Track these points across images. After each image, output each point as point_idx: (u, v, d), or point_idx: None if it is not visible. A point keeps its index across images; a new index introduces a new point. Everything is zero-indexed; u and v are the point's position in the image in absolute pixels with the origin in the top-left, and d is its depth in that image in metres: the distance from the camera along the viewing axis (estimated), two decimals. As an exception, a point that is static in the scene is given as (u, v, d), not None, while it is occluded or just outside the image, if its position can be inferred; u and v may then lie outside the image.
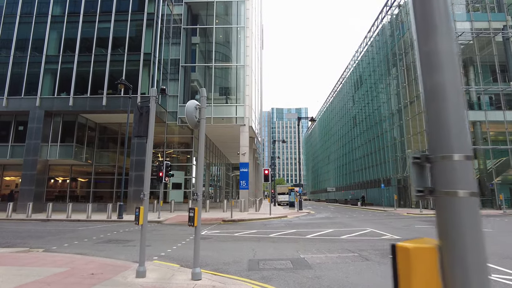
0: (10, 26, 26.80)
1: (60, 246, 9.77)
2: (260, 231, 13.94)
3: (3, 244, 10.12)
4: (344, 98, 65.03)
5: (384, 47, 42.65)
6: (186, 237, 12.13)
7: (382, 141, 43.34)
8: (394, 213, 26.37)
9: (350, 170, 60.43)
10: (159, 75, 26.82)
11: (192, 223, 5.63)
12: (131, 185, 23.21)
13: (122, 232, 13.54)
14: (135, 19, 26.17)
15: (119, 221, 18.52)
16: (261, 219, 20.78)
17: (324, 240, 11.29)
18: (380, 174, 44.00)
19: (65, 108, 24.94)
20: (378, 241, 10.82)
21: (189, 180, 29.36)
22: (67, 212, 19.61)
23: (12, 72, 25.85)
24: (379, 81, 44.33)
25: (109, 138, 30.19)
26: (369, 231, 13.71)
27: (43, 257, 7.50)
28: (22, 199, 23.32)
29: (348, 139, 61.00)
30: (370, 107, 48.34)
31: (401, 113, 37.47)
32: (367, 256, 8.27)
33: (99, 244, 10.33)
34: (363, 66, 52.17)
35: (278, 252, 8.94)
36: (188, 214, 5.71)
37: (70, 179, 28.28)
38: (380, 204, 42.51)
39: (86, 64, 25.57)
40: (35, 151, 24.23)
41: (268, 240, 11.29)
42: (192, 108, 6.07)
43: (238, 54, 29.00)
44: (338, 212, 30.29)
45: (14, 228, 14.67)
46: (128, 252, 8.92)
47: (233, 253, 8.85)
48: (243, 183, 26.17)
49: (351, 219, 20.85)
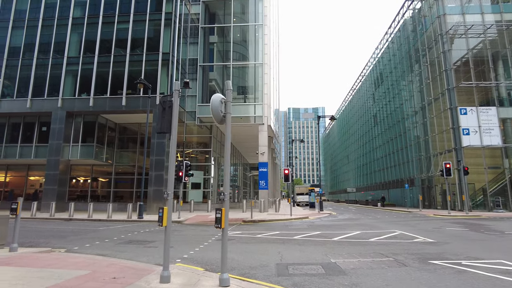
0: (33, 30, 27.36)
1: (82, 247, 9.60)
2: (283, 233, 13.47)
3: (27, 244, 10.05)
4: (363, 96, 63.62)
5: (405, 43, 41.27)
6: (208, 238, 11.78)
7: (405, 140, 41.97)
8: (419, 215, 25.31)
9: (370, 170, 59.03)
10: (178, 74, 26.75)
11: (219, 224, 5.23)
12: (150, 185, 23.18)
13: (142, 232, 13.35)
14: (153, 19, 26.21)
15: (139, 221, 18.44)
16: (282, 220, 20.29)
17: (352, 243, 10.70)
18: (403, 174, 42.63)
19: (85, 109, 25.21)
20: (411, 245, 10.14)
21: (208, 180, 29.17)
22: (88, 212, 19.72)
23: (35, 74, 26.39)
24: (400, 78, 42.96)
25: (129, 138, 30.40)
26: (399, 234, 13.00)
27: (65, 258, 7.28)
28: (46, 199, 23.72)
29: (368, 138, 59.58)
30: (392, 105, 46.95)
31: (424, 110, 36.12)
32: (404, 261, 7.66)
33: (120, 245, 10.11)
34: (384, 63, 50.78)
35: (306, 256, 8.45)
36: (215, 215, 5.31)
37: (91, 179, 28.61)
38: (403, 205, 41.21)
39: (105, 65, 25.78)
40: (58, 151, 24.60)
41: (293, 242, 10.80)
42: (218, 102, 5.68)
43: (256, 52, 28.60)
44: (360, 213, 29.41)
45: (37, 227, 14.76)
46: (150, 254, 8.63)
47: (258, 256, 8.41)
48: (262, 183, 25.72)
49: (376, 221, 20.07)
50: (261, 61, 27.95)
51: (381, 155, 52.71)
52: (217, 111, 5.66)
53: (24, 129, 26.75)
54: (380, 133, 52.77)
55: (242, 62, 29.17)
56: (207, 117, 27.60)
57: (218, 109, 5.66)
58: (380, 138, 53.12)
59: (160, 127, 5.76)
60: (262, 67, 27.87)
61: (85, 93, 25.68)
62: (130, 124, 29.47)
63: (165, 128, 5.74)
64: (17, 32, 27.67)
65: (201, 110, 27.60)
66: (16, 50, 27.35)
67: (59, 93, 25.57)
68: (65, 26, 26.95)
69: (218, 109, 5.65)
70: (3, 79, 26.73)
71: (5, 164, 28.48)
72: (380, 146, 53.10)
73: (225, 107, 5.72)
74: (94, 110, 25.24)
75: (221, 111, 5.68)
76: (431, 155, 34.18)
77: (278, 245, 10.21)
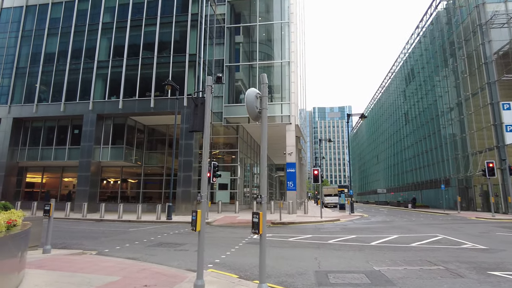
0: (66, 37, 28.29)
1: (112, 249, 9.49)
2: (316, 236, 12.86)
3: (59, 245, 10.09)
4: (393, 93, 61.37)
5: (439, 36, 39.22)
6: (238, 241, 11.40)
7: (439, 139, 39.89)
8: (459, 217, 23.78)
9: (401, 171, 56.80)
10: (204, 76, 26.70)
11: (256, 230, 4.78)
12: (179, 186, 23.21)
13: (172, 234, 13.19)
14: (179, 21, 26.33)
15: (168, 222, 18.42)
16: (312, 222, 19.62)
17: (393, 248, 9.95)
18: (437, 174, 40.54)
19: (115, 111, 25.69)
20: (460, 251, 9.27)
21: (235, 180, 28.95)
22: (118, 213, 19.97)
23: (68, 79, 27.25)
24: (434, 73, 40.88)
25: (157, 139, 30.78)
26: (441, 238, 12.05)
27: (96, 262, 7.12)
28: (78, 199, 24.36)
29: (399, 137, 57.37)
30: (424, 102, 44.83)
31: (461, 107, 34.10)
32: (457, 270, 6.90)
33: (150, 247, 9.93)
34: (415, 59, 48.63)
35: (346, 262, 7.85)
36: (252, 219, 4.87)
37: (121, 180, 29.17)
38: (437, 206, 39.25)
39: (134, 68, 26.18)
40: (89, 153, 25.21)
41: (328, 247, 10.19)
42: (253, 98, 5.25)
43: (283, 50, 28.06)
44: (393, 215, 28.11)
45: (70, 228, 15.00)
46: (180, 258, 8.34)
47: (294, 262, 7.90)
48: (290, 184, 25.14)
49: (412, 223, 18.97)
50: (288, 59, 27.40)
51: (412, 155, 50.54)
52: (252, 107, 5.23)
53: (58, 132, 27.71)
54: (411, 132, 50.60)
55: (269, 61, 28.72)
56: (234, 118, 27.40)
57: (253, 104, 5.22)
58: (411, 137, 50.95)
59: (192, 125, 5.41)
60: (289, 65, 27.30)
61: (114, 96, 26.19)
62: (158, 125, 29.81)
63: (197, 126, 5.38)
64: (52, 39, 28.73)
65: (228, 110, 27.42)
66: (51, 56, 28.39)
67: (90, 97, 26.24)
68: (95, 31, 27.66)
69: (253, 104, 5.22)
70: (39, 85, 27.82)
71: (42, 166, 29.62)
72: (411, 145, 50.93)
73: (261, 103, 5.27)
74: (123, 112, 25.67)
75: (256, 107, 5.24)
76: (469, 154, 32.20)
77: (313, 250, 9.65)
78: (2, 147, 27.14)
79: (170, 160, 28.87)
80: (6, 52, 29.43)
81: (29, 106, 27.45)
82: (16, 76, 28.58)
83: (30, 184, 30.78)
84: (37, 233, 8.77)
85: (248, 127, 30.21)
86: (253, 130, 31.95)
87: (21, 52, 29.20)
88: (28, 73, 28.43)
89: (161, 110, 24.96)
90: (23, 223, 6.22)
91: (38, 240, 8.82)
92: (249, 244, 10.59)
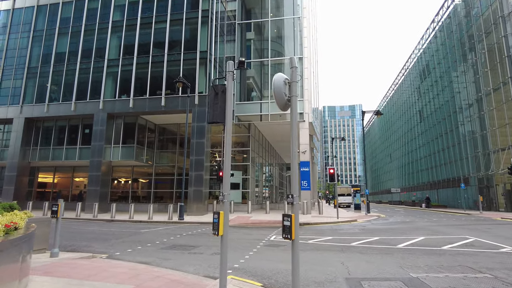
0: (77, 36, 28.08)
1: (123, 252, 8.96)
2: (336, 238, 12.15)
3: (69, 247, 9.63)
4: (407, 91, 59.92)
5: (457, 30, 37.90)
6: (255, 243, 10.77)
7: (457, 136, 38.56)
8: (483, 218, 22.71)
9: (416, 169, 55.40)
10: (215, 73, 26.17)
11: (288, 234, 4.13)
12: (190, 185, 22.71)
13: (185, 235, 12.63)
14: (189, 18, 25.85)
15: (180, 222, 17.92)
16: (329, 223, 18.89)
17: (424, 251, 9.18)
18: (455, 173, 39.21)
19: (125, 110, 25.34)
20: (502, 257, 8.45)
21: (247, 180, 28.35)
22: (129, 213, 19.55)
23: (79, 78, 27.02)
24: (451, 68, 39.51)
25: (168, 138, 30.39)
26: (473, 241, 11.21)
27: (106, 267, 6.57)
28: (89, 199, 24.08)
29: (413, 135, 55.95)
30: (440, 98, 43.48)
31: (481, 103, 32.81)
32: (508, 279, 6.12)
33: (163, 250, 9.37)
34: (430, 54, 47.23)
35: (376, 268, 7.14)
36: (283, 223, 4.23)
37: (132, 180, 28.85)
38: (455, 206, 37.98)
39: (144, 66, 25.80)
40: (100, 153, 24.92)
41: (353, 250, 9.48)
42: (281, 84, 4.60)
43: (295, 46, 27.34)
44: (411, 215, 27.13)
45: (81, 229, 14.59)
46: (196, 262, 7.75)
47: (320, 267, 7.23)
48: (304, 184, 24.40)
49: (434, 224, 18.08)
50: (301, 55, 26.65)
51: (427, 153, 49.17)
52: (280, 94, 4.58)
53: (69, 131, 27.53)
54: (427, 130, 49.23)
55: (280, 57, 28.03)
56: (246, 116, 26.82)
57: (282, 91, 4.57)
58: (426, 135, 49.57)
59: (212, 116, 4.79)
60: (302, 61, 26.56)
61: (125, 94, 25.86)
62: (169, 124, 29.41)
63: (218, 117, 4.76)
64: (62, 39, 28.57)
65: (239, 108, 26.83)
66: (62, 56, 28.23)
67: (100, 96, 25.96)
68: (105, 30, 27.38)
69: (281, 91, 4.57)
70: (50, 85, 27.69)
71: (53, 166, 29.51)
72: (426, 144, 49.55)
73: (290, 89, 4.62)
74: (134, 111, 25.31)
75: (285, 94, 4.59)
76: (491, 151, 30.93)
77: (338, 253, 8.95)
78: (14, 147, 27.09)
79: (181, 160, 28.44)
80: (19, 54, 29.39)
81: (40, 106, 27.34)
82: (27, 76, 28.52)
83: (42, 184, 30.74)
84: (45, 235, 8.29)
85: (260, 126, 29.58)
86: (264, 129, 31.30)
87: (33, 52, 29.14)
88: (39, 73, 28.34)
89: (172, 109, 24.51)
90: (27, 225, 5.71)
91: (46, 242, 8.34)
92: (267, 247, 9.96)
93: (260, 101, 27.29)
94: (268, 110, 26.51)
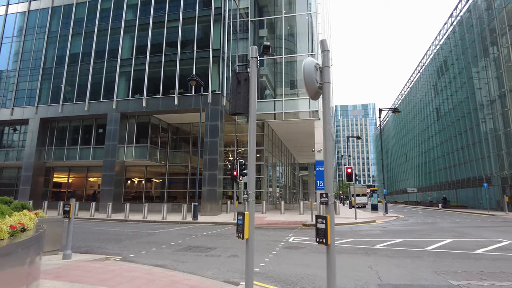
0: (90, 36, 28.13)
1: (138, 254, 8.60)
2: (357, 240, 11.57)
3: (83, 248, 9.35)
4: (423, 88, 58.39)
5: (477, 23, 36.51)
6: (274, 245, 10.29)
7: (477, 134, 37.17)
8: (510, 218, 21.65)
9: (432, 169, 53.89)
10: (228, 72, 25.80)
11: (324, 239, 3.64)
12: (204, 185, 22.39)
13: (200, 236, 12.24)
14: (202, 16, 25.56)
15: (194, 222, 17.59)
16: (347, 224, 18.29)
17: (456, 255, 8.53)
18: (476, 172, 37.82)
19: (139, 109, 25.21)
20: (544, 262, 7.74)
21: (261, 179, 27.89)
22: (143, 213, 19.34)
23: (92, 78, 27.05)
24: (471, 64, 38.08)
25: (181, 138, 30.21)
26: (508, 244, 10.47)
27: (119, 271, 6.19)
28: (103, 199, 24.02)
29: (430, 133, 54.45)
30: (459, 95, 42.06)
31: (504, 99, 31.48)
32: (562, 289, 5.47)
33: (179, 252, 8.97)
34: (448, 49, 45.76)
35: (410, 273, 6.57)
36: (315, 225, 3.74)
37: (145, 179, 28.74)
38: (476, 206, 36.64)
39: (157, 65, 25.63)
40: (113, 153, 24.85)
41: (379, 253, 8.89)
42: (312, 69, 4.10)
43: (310, 42, 26.74)
44: (431, 216, 26.19)
45: (95, 229, 14.38)
46: (214, 266, 7.31)
47: (348, 272, 6.70)
48: (320, 183, 23.67)
49: (458, 225, 17.24)
50: (316, 52, 26.04)
51: (445, 152, 47.70)
52: (311, 80, 4.08)
53: (83, 131, 27.61)
54: (444, 128, 47.77)
55: (294, 54, 27.48)
56: (259, 114, 26.39)
57: (313, 77, 4.07)
58: (443, 133, 48.11)
59: (234, 106, 4.33)
60: (316, 58, 25.94)
61: (138, 94, 25.75)
62: (182, 124, 29.21)
63: (241, 107, 4.30)
64: (76, 39, 28.68)
65: (253, 107, 26.35)
66: (76, 56, 28.33)
67: (113, 95, 25.90)
68: (118, 30, 27.34)
69: (312, 78, 4.07)
70: (64, 85, 27.82)
71: (68, 166, 29.65)
72: (444, 142, 48.08)
73: (322, 75, 4.12)
74: (147, 110, 25.16)
75: (316, 80, 4.09)
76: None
77: (363, 257, 8.39)
78: (30, 147, 27.31)
79: (194, 159, 28.19)
80: (34, 55, 29.62)
81: (55, 106, 27.48)
82: (43, 77, 28.74)
83: (57, 184, 30.95)
84: (58, 236, 8.01)
85: (273, 124, 29.09)
86: (277, 128, 30.80)
87: (47, 53, 29.34)
88: (54, 73, 28.51)
89: (185, 108, 24.25)
90: (38, 226, 5.36)
91: (58, 243, 8.06)
92: (287, 249, 9.46)
93: (274, 99, 26.80)
94: (282, 108, 26.03)
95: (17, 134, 29.84)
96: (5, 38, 31.31)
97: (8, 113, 28.71)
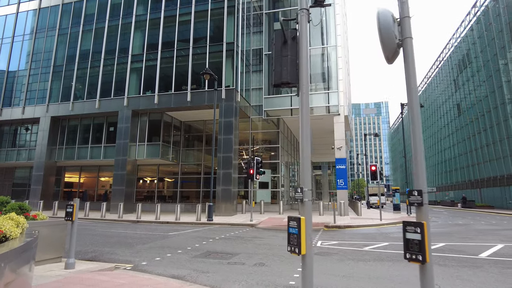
0: (100, 32, 27.46)
1: (151, 261, 7.58)
2: (393, 244, 10.33)
3: (90, 254, 8.39)
4: (442, 84, 56.25)
5: (505, 12, 34.48)
6: (302, 251, 9.11)
7: (505, 130, 35.18)
8: (548, 220, 20.01)
9: (452, 167, 51.76)
10: (242, 66, 24.74)
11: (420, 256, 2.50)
12: (219, 184, 21.36)
13: (218, 239, 11.19)
14: (215, 8, 24.52)
15: (209, 223, 16.57)
16: (372, 225, 16.98)
17: (523, 266, 7.24)
18: (504, 170, 35.81)
19: (150, 106, 24.36)
20: None
21: (277, 179, 26.75)
22: (156, 214, 18.42)
23: (102, 75, 26.35)
24: (497, 55, 36.05)
25: (194, 136, 29.29)
26: None
27: (131, 285, 5.15)
28: (114, 199, 23.25)
29: (450, 131, 52.33)
30: (483, 89, 40.03)
31: (534, 92, 29.59)
32: None
33: (198, 259, 7.92)
34: (471, 42, 43.68)
35: (481, 291, 5.35)
36: (404, 234, 2.60)
37: (157, 179, 27.91)
38: (504, 206, 34.73)
39: (169, 61, 24.74)
40: (125, 151, 24.06)
41: (429, 262, 7.64)
42: (389, 21, 2.97)
43: (328, 34, 25.47)
44: (459, 216, 24.63)
45: (105, 231, 13.48)
46: (241, 277, 6.23)
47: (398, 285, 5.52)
48: (340, 182, 22.49)
49: (498, 228, 15.81)
50: (335, 44, 24.75)
51: (466, 150, 45.63)
52: (389, 34, 2.95)
53: (93, 130, 26.94)
54: (466, 124, 45.69)
55: (312, 47, 26.22)
56: (274, 110, 25.30)
57: (391, 31, 2.95)
58: (465, 130, 46.04)
59: (280, 74, 3.24)
60: (335, 50, 24.67)
61: (149, 90, 24.90)
62: (195, 121, 28.28)
63: (288, 75, 3.20)
64: (86, 36, 28.05)
65: (268, 103, 25.32)
66: (86, 53, 27.68)
67: (124, 92, 25.12)
68: (129, 25, 26.57)
69: (390, 31, 2.96)
70: (75, 83, 27.22)
71: (79, 166, 29.08)
72: (466, 139, 46.00)
73: (402, 29, 2.98)
74: (159, 107, 24.28)
75: (395, 36, 2.95)
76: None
77: (409, 265, 7.17)
78: (41, 146, 26.80)
79: (208, 158, 27.23)
80: (45, 54, 29.16)
81: (66, 104, 26.89)
82: (53, 75, 28.22)
83: (69, 184, 30.43)
84: (60, 241, 7.05)
85: (289, 121, 27.92)
86: (293, 124, 29.60)
87: (58, 51, 28.81)
88: (64, 71, 27.94)
89: (198, 104, 23.26)
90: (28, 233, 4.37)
91: (61, 249, 7.10)
92: (318, 256, 8.29)
93: (290, 94, 25.59)
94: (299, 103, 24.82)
95: (28, 134, 29.43)
96: (16, 36, 30.97)
97: (19, 112, 28.29)
